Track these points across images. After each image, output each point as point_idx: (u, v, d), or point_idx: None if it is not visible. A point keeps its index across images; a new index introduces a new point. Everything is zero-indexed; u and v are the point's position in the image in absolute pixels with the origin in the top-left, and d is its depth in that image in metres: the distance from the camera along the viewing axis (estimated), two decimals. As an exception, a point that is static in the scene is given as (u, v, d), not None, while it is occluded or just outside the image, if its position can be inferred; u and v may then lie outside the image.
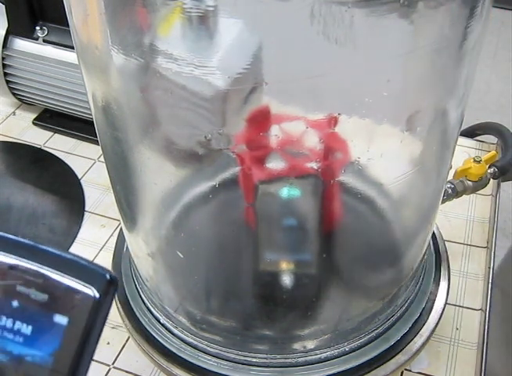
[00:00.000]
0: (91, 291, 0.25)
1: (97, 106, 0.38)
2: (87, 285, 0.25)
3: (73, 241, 0.63)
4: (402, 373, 0.52)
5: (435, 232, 0.53)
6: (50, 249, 0.26)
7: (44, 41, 0.70)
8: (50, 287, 0.25)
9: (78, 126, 0.74)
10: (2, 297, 0.25)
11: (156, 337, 0.46)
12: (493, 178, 0.60)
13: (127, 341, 0.54)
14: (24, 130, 0.76)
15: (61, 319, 0.25)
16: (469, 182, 0.58)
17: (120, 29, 0.32)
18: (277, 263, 0.45)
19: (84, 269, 0.26)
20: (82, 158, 0.72)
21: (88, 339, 0.25)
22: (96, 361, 0.53)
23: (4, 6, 0.70)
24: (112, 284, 0.26)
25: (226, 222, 0.46)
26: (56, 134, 0.76)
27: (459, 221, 0.64)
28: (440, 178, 0.43)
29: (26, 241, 0.26)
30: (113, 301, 0.26)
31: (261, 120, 0.36)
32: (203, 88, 0.32)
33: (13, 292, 0.25)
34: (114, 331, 0.55)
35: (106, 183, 0.66)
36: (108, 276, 0.26)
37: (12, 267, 0.26)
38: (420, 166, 0.40)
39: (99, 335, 0.26)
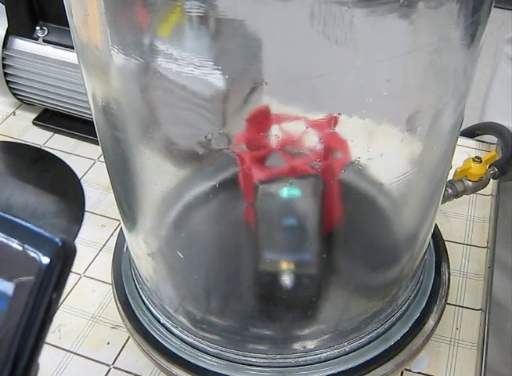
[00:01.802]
0: (39, 257, 0.24)
1: (97, 106, 0.38)
2: (34, 250, 0.24)
3: (73, 241, 0.63)
4: (402, 373, 0.52)
5: (435, 232, 0.53)
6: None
7: (44, 41, 0.70)
8: None
9: (78, 126, 0.75)
10: None
11: (156, 337, 0.46)
12: (493, 178, 0.60)
13: (127, 341, 0.54)
14: (24, 130, 0.76)
15: (8, 287, 0.24)
16: (469, 182, 0.58)
17: (120, 29, 0.32)
18: (277, 263, 0.45)
19: (34, 235, 0.24)
20: (82, 158, 0.72)
21: (36, 311, 0.24)
22: (96, 361, 0.53)
23: (4, 6, 0.70)
24: (65, 250, 0.24)
25: (226, 222, 0.46)
26: (56, 134, 0.76)
27: (459, 221, 0.64)
28: (440, 178, 0.43)
29: None
30: (69, 271, 0.24)
31: (261, 120, 0.36)
32: (203, 88, 0.32)
33: None
34: (114, 331, 0.55)
35: (106, 183, 0.66)
36: (59, 242, 0.24)
37: None
38: (419, 166, 0.40)
39: (52, 308, 0.24)
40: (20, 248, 0.24)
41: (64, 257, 0.24)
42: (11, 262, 0.24)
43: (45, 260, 0.24)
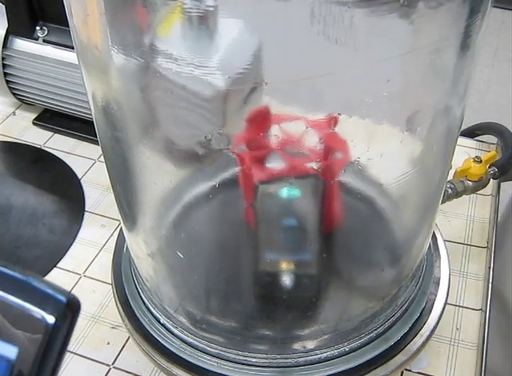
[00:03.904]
0: (43, 317, 0.22)
1: (97, 106, 0.38)
2: (38, 309, 0.22)
3: (73, 241, 0.63)
4: (402, 373, 0.52)
5: (435, 232, 0.53)
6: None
7: (44, 41, 0.70)
8: None
9: (78, 126, 0.75)
10: None
11: (156, 337, 0.46)
12: (493, 179, 0.60)
13: (127, 341, 0.54)
14: (24, 130, 0.76)
15: (10, 350, 0.22)
16: (469, 182, 0.58)
17: (120, 29, 0.32)
18: (277, 263, 0.45)
19: (38, 292, 0.22)
20: (82, 158, 0.72)
21: (42, 371, 0.22)
22: (96, 361, 0.53)
23: (4, 6, 0.70)
24: (70, 308, 0.22)
25: (226, 222, 0.46)
26: (56, 134, 0.76)
27: (459, 221, 0.64)
28: (440, 179, 0.43)
29: None
30: (74, 328, 0.22)
31: (261, 120, 0.36)
32: (203, 88, 0.32)
33: None
34: (114, 331, 0.55)
35: (106, 183, 0.66)
36: (64, 299, 0.22)
37: None
38: (419, 166, 0.40)
39: (57, 369, 0.22)
40: (23, 307, 0.22)
41: (71, 315, 0.22)
42: (13, 322, 0.22)
43: (51, 320, 0.22)
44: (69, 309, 0.22)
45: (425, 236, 0.46)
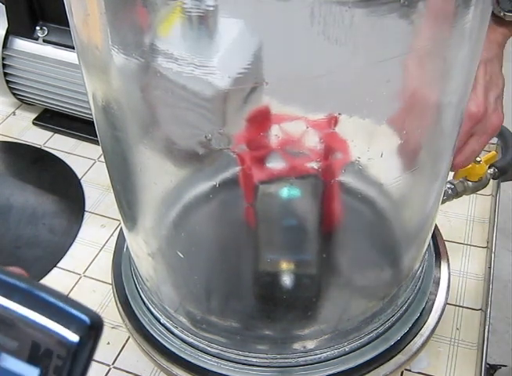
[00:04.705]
0: (67, 338, 0.21)
1: (97, 106, 0.38)
2: (62, 330, 0.21)
3: (73, 241, 0.63)
4: (402, 373, 0.52)
5: (435, 232, 0.53)
6: (22, 285, 0.22)
7: (44, 41, 0.70)
8: (19, 331, 0.21)
9: (78, 126, 0.75)
10: None
11: (157, 337, 0.46)
12: (493, 179, 0.60)
13: (127, 341, 0.54)
14: (24, 130, 0.76)
15: (32, 371, 0.21)
16: (469, 182, 0.58)
17: (121, 29, 0.32)
18: (277, 263, 0.45)
19: (61, 311, 0.21)
20: (82, 158, 0.73)
21: None
22: (96, 361, 0.53)
23: (4, 6, 0.70)
24: (94, 328, 0.21)
25: (226, 222, 0.46)
26: (56, 134, 0.76)
27: (459, 221, 0.64)
28: (440, 179, 0.43)
29: None
30: (96, 348, 0.22)
31: (261, 120, 0.36)
32: (203, 88, 0.32)
33: None
34: (114, 331, 0.55)
35: (106, 183, 0.66)
36: (89, 319, 0.21)
37: None
38: (419, 166, 0.40)
39: None
40: (46, 327, 0.21)
41: (94, 336, 0.22)
42: (35, 342, 0.21)
43: (74, 340, 0.21)
44: (93, 329, 0.21)
45: (425, 236, 0.46)
